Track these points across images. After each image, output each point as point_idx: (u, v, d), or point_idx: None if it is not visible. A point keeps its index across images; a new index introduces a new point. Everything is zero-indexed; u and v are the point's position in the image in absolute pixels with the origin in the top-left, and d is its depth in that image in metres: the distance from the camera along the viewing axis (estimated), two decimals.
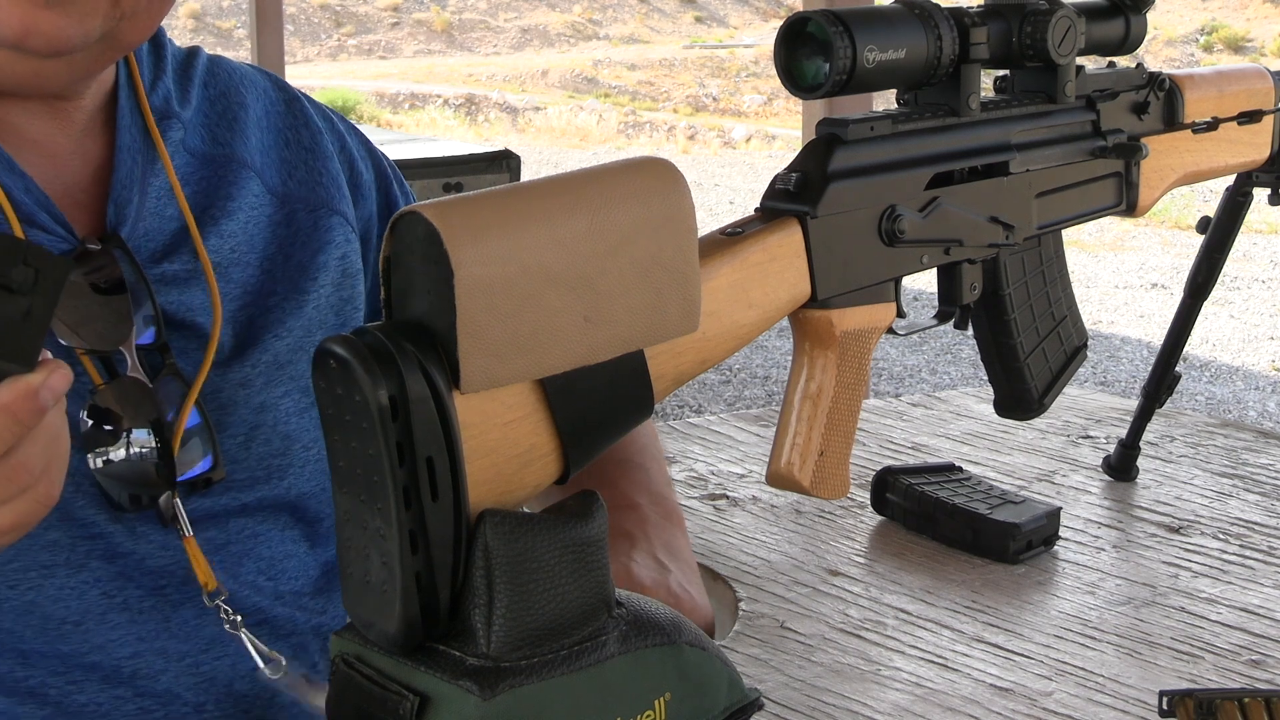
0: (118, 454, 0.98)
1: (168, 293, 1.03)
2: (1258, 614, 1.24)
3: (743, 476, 1.57)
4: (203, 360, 1.03)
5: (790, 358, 1.02)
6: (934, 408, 1.82)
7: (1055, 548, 1.37)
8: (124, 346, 1.00)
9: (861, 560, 1.35)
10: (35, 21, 0.91)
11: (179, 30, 19.24)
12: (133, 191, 1.03)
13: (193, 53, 1.14)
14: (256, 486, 1.06)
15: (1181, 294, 1.59)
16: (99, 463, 0.97)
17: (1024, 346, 1.15)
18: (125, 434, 0.98)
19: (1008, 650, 1.17)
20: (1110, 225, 9.09)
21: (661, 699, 0.74)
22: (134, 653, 0.99)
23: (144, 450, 0.99)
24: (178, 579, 1.01)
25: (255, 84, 1.17)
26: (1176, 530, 1.43)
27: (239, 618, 1.02)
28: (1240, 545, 1.39)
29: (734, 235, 0.91)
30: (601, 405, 0.75)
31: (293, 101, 1.19)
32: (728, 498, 1.51)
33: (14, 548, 0.95)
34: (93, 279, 0.99)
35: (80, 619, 0.98)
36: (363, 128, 1.77)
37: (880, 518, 1.44)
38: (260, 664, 1.02)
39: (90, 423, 0.97)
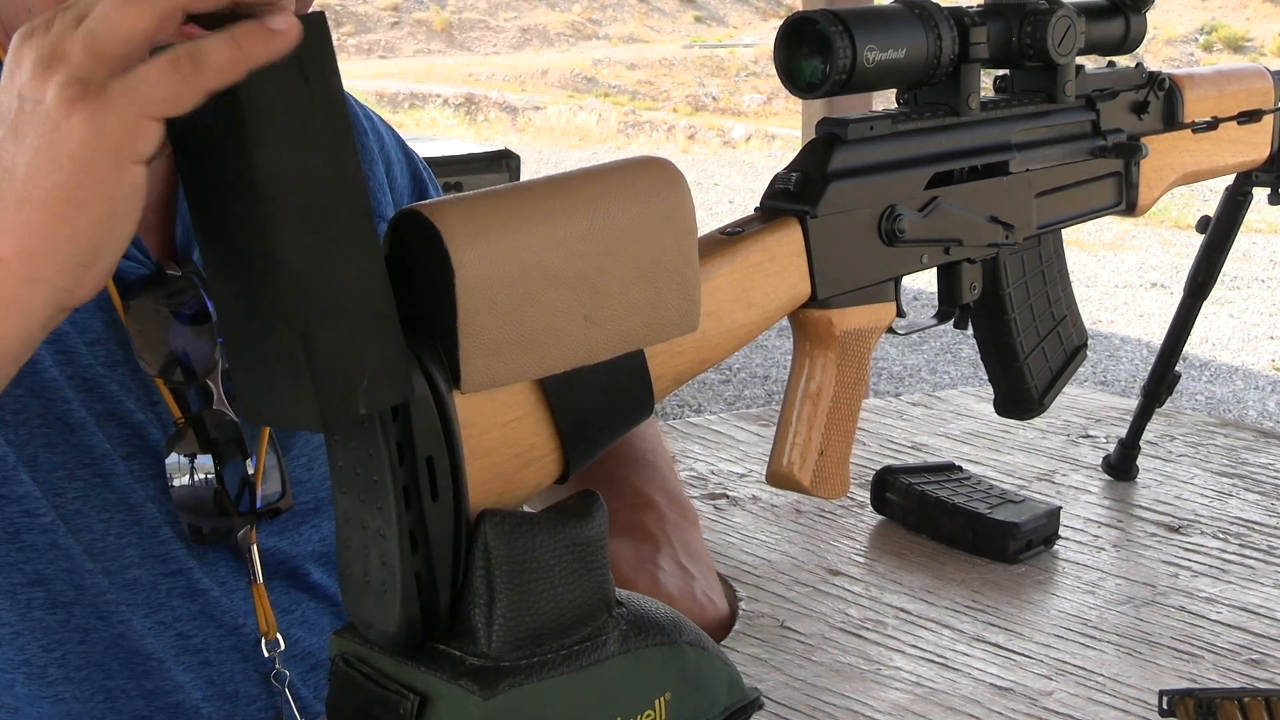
0: (182, 479, 0.95)
1: None
2: (1258, 613, 1.24)
3: (743, 476, 1.57)
4: None
5: (790, 358, 1.02)
6: (934, 407, 1.82)
7: (1055, 547, 1.37)
8: (210, 379, 0.96)
9: (861, 560, 1.35)
10: None
11: None
12: None
13: None
14: (323, 509, 1.04)
15: (1181, 293, 1.59)
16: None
17: (1024, 346, 1.15)
18: (190, 459, 0.95)
19: (1008, 650, 1.17)
20: (1110, 225, 9.08)
21: (662, 699, 0.74)
22: (205, 696, 0.97)
23: (207, 477, 0.95)
24: (248, 626, 0.99)
25: None
26: (1176, 530, 1.43)
27: (287, 673, 1.00)
28: (1240, 545, 1.39)
29: (734, 235, 0.91)
30: (601, 405, 0.75)
31: None
32: (728, 497, 1.51)
33: (103, 579, 0.92)
34: (174, 305, 0.95)
35: (162, 657, 0.95)
36: None
37: (880, 517, 1.44)
38: None
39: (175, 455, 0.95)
